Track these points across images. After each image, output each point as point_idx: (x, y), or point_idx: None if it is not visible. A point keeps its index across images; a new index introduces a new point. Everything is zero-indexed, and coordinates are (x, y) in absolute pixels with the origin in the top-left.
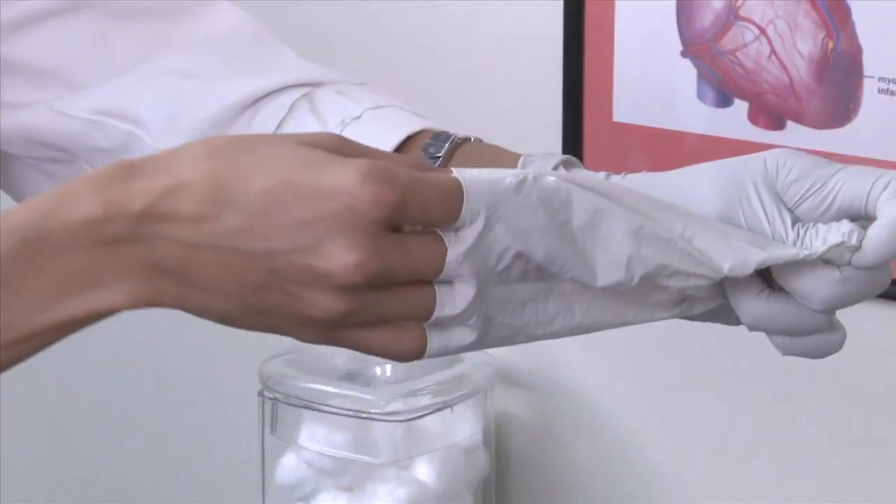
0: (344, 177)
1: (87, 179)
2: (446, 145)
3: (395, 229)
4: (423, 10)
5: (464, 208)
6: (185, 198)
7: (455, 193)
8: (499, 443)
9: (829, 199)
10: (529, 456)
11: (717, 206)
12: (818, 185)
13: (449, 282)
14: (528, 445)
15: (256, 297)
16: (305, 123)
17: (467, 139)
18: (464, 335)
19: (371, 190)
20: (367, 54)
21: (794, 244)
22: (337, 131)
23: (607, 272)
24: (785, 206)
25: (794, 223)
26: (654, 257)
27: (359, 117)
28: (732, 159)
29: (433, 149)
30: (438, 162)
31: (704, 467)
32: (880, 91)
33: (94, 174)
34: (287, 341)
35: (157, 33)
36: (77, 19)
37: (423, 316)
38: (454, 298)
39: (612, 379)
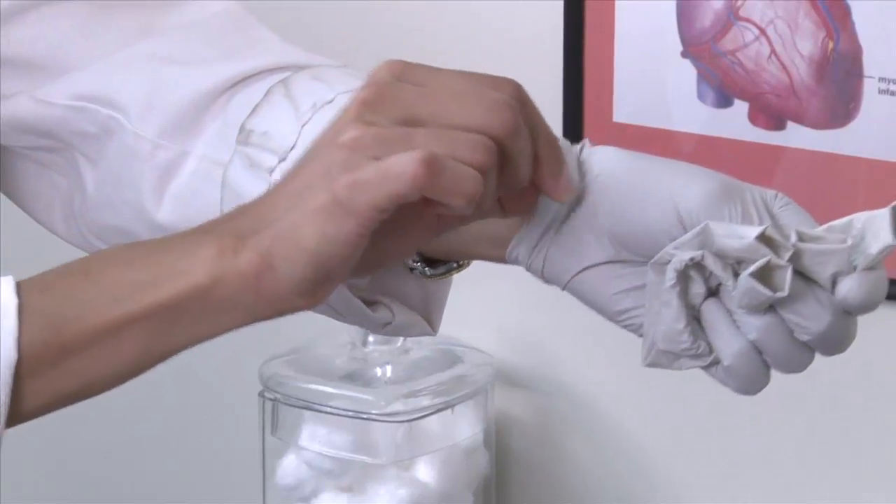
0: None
1: None
2: None
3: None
4: (423, 10)
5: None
6: None
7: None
8: (499, 443)
9: None
10: (530, 456)
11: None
12: None
13: None
14: (529, 446)
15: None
16: (279, 107)
17: None
18: None
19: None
20: (366, 54)
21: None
22: (308, 115)
23: None
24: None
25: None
26: None
27: (331, 101)
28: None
29: None
30: None
31: (705, 467)
32: (880, 91)
33: None
34: (288, 342)
35: (142, 22)
36: (62, 9)
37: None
38: None
39: (613, 379)
